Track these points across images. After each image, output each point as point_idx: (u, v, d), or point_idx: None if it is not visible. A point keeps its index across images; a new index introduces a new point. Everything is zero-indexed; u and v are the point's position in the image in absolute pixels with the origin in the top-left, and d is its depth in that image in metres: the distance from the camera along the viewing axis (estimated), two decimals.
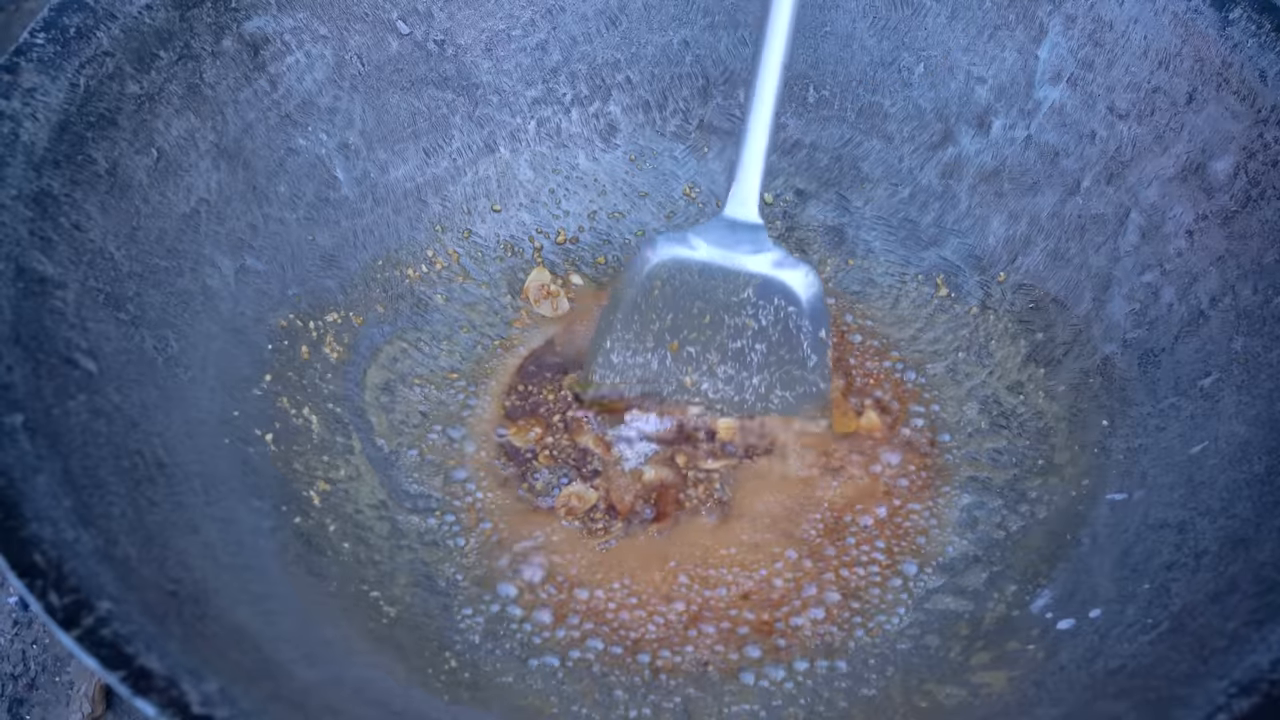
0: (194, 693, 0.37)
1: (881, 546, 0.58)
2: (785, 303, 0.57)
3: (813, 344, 0.58)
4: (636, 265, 0.58)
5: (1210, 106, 0.57)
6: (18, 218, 0.47)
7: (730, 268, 0.57)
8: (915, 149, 0.67)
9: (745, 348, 0.58)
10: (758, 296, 0.57)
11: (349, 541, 0.55)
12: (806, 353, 0.58)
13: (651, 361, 0.58)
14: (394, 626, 0.52)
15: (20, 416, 0.42)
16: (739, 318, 0.58)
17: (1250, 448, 0.51)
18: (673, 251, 0.58)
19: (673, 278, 0.58)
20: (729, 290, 0.57)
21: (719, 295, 0.57)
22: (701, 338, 0.58)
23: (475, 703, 0.50)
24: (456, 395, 0.63)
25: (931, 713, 0.50)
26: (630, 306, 0.58)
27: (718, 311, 0.58)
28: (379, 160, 0.64)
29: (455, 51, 0.66)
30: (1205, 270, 0.57)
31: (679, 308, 0.58)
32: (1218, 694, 0.40)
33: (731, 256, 0.57)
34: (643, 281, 0.58)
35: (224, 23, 0.58)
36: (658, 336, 0.58)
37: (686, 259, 0.57)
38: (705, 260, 0.57)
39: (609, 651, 0.54)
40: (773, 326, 0.57)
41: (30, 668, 0.59)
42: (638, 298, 0.58)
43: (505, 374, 0.64)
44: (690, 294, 0.58)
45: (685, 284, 0.58)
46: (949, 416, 0.62)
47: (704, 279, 0.57)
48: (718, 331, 0.58)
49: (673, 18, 0.68)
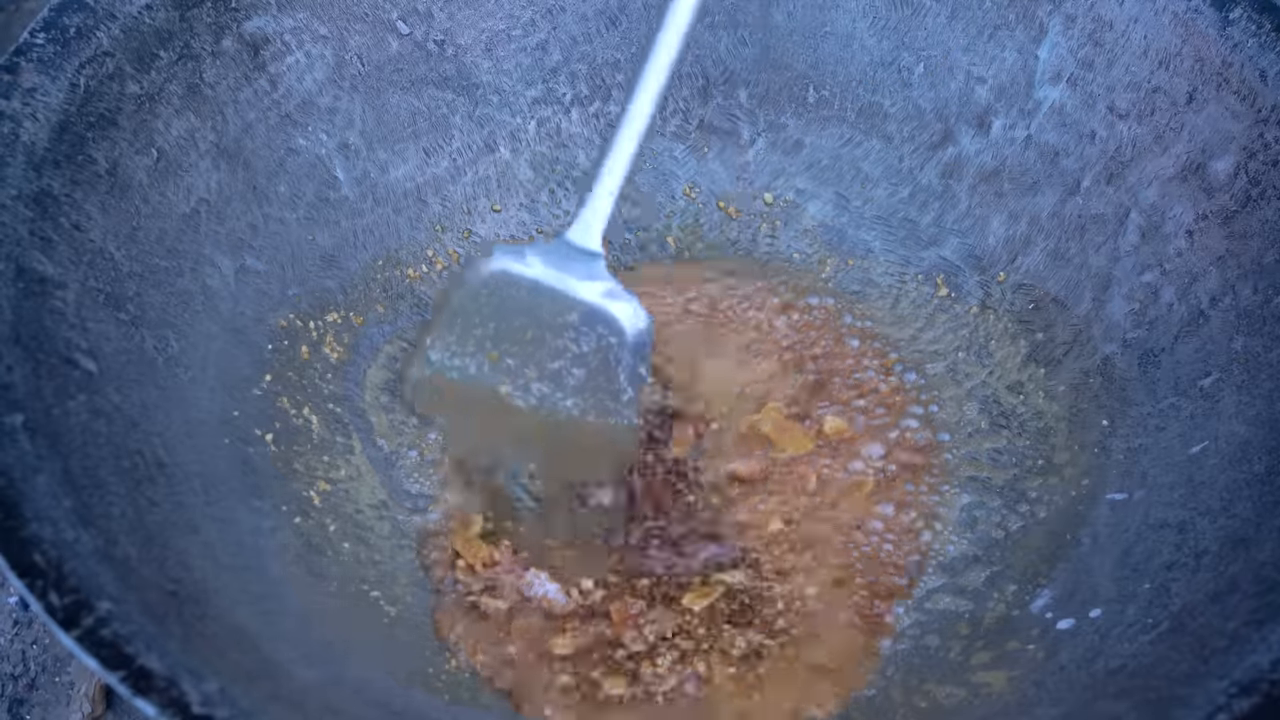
0: (194, 693, 0.37)
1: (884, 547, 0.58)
2: (608, 333, 0.57)
3: (629, 377, 0.57)
4: (469, 272, 0.58)
5: (1210, 106, 0.57)
6: (18, 218, 0.47)
7: (559, 289, 0.57)
8: (915, 149, 0.67)
9: (563, 369, 0.57)
10: (582, 322, 0.57)
11: (349, 541, 0.55)
12: (622, 384, 0.57)
13: (469, 365, 0.58)
14: (394, 626, 0.52)
15: (20, 416, 0.42)
16: (560, 339, 0.57)
17: (1250, 447, 0.51)
18: (506, 264, 0.58)
19: (501, 289, 0.57)
20: (555, 311, 0.57)
21: (544, 314, 0.57)
22: (521, 352, 0.58)
23: (475, 703, 0.50)
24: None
25: (931, 712, 0.50)
26: (455, 310, 0.58)
27: (541, 329, 0.57)
28: (379, 160, 0.64)
29: (455, 51, 0.66)
30: (1205, 270, 0.57)
31: (503, 319, 0.58)
32: (1218, 694, 0.40)
33: (563, 279, 0.57)
34: (472, 287, 0.58)
35: (224, 23, 0.58)
36: (478, 342, 0.58)
37: (518, 274, 0.57)
38: (536, 278, 0.57)
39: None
40: (593, 354, 0.57)
41: (30, 668, 0.59)
42: (465, 302, 0.58)
43: None
44: (516, 308, 0.58)
45: (513, 297, 0.57)
46: (949, 416, 0.62)
47: (532, 296, 0.57)
48: (538, 349, 0.57)
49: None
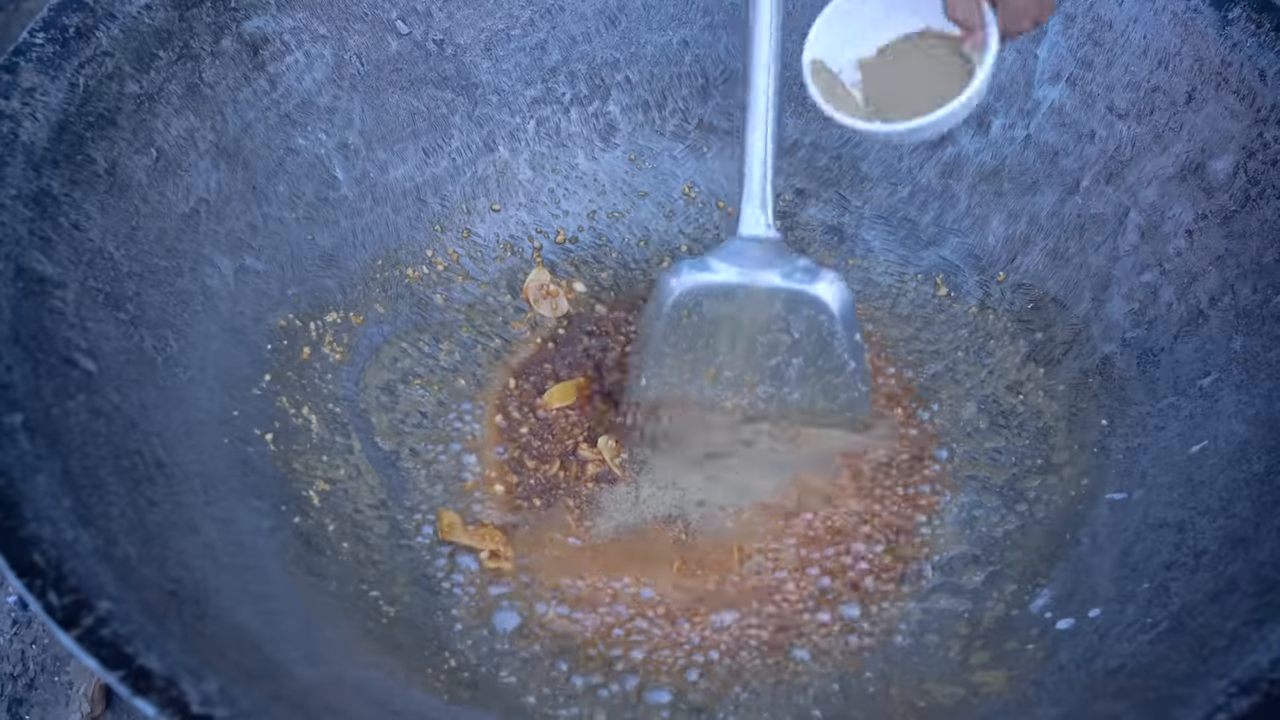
0: (194, 692, 0.37)
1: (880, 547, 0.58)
2: (815, 312, 0.55)
3: (848, 349, 0.56)
4: (660, 297, 0.57)
5: (1210, 106, 0.57)
6: (17, 217, 0.47)
7: (754, 285, 0.55)
8: (914, 148, 0.67)
9: (781, 364, 0.56)
10: (786, 310, 0.55)
11: (348, 541, 0.55)
12: (844, 359, 0.56)
13: (690, 392, 0.57)
14: (394, 626, 0.52)
15: (20, 416, 0.42)
16: (771, 334, 0.56)
17: (1249, 447, 0.51)
18: (695, 278, 0.56)
19: (699, 304, 0.56)
20: (757, 308, 0.56)
21: (747, 315, 0.56)
22: (737, 360, 0.57)
23: (475, 703, 0.50)
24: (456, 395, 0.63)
25: (930, 712, 0.50)
26: (660, 340, 0.57)
27: (749, 331, 0.56)
28: (378, 160, 0.64)
29: (454, 51, 0.66)
30: (1204, 270, 0.57)
31: (709, 333, 0.56)
32: (1217, 693, 0.40)
33: (754, 274, 0.55)
34: (669, 313, 0.56)
35: (223, 22, 0.58)
36: (692, 367, 0.57)
37: (709, 283, 0.56)
38: (728, 281, 0.55)
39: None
40: (806, 338, 0.56)
41: (29, 668, 0.59)
42: (666, 330, 0.57)
43: (504, 375, 0.64)
44: (718, 317, 0.56)
45: (712, 309, 0.56)
46: (948, 416, 0.62)
47: (730, 301, 0.56)
48: (752, 351, 0.56)
49: (672, 17, 0.68)
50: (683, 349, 0.57)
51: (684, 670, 0.53)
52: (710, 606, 0.55)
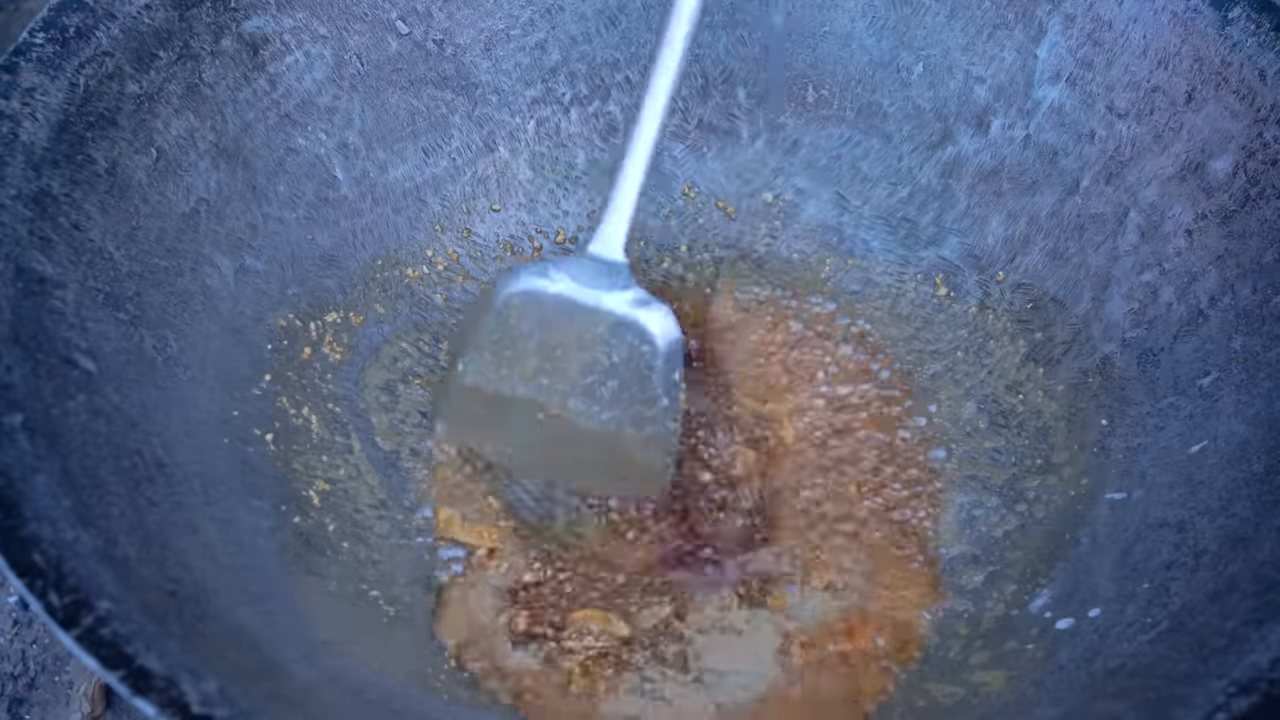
0: (193, 692, 0.37)
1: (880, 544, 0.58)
2: (639, 342, 0.56)
3: (664, 386, 0.57)
4: (493, 294, 0.58)
5: (1209, 106, 0.57)
6: (17, 217, 0.47)
7: (586, 304, 0.57)
8: (914, 148, 0.67)
9: (596, 383, 0.57)
10: (611, 334, 0.57)
11: (348, 541, 0.55)
12: (657, 393, 0.57)
13: (503, 387, 0.58)
14: (393, 626, 0.52)
15: (19, 416, 0.42)
16: (591, 353, 0.57)
17: (1249, 447, 0.51)
18: (530, 283, 0.57)
19: (527, 308, 0.57)
20: (584, 325, 0.57)
21: (573, 329, 0.57)
22: (554, 369, 0.57)
23: (475, 703, 0.50)
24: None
25: (930, 712, 0.50)
26: (485, 333, 0.58)
27: (571, 345, 0.57)
28: (378, 160, 0.64)
29: (454, 51, 0.66)
30: (1204, 269, 0.57)
31: (533, 338, 0.57)
32: (1217, 693, 0.40)
33: (590, 292, 0.57)
34: (498, 309, 0.58)
35: (223, 22, 0.58)
36: (510, 364, 0.58)
37: (542, 291, 0.57)
38: (562, 293, 0.57)
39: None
40: (624, 365, 0.57)
41: (30, 667, 0.59)
42: (492, 325, 0.58)
43: None
44: (544, 326, 0.57)
45: (540, 315, 0.57)
46: (947, 416, 0.62)
47: (560, 312, 0.57)
48: (570, 364, 0.57)
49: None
50: (503, 345, 0.58)
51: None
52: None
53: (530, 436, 0.59)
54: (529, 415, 0.58)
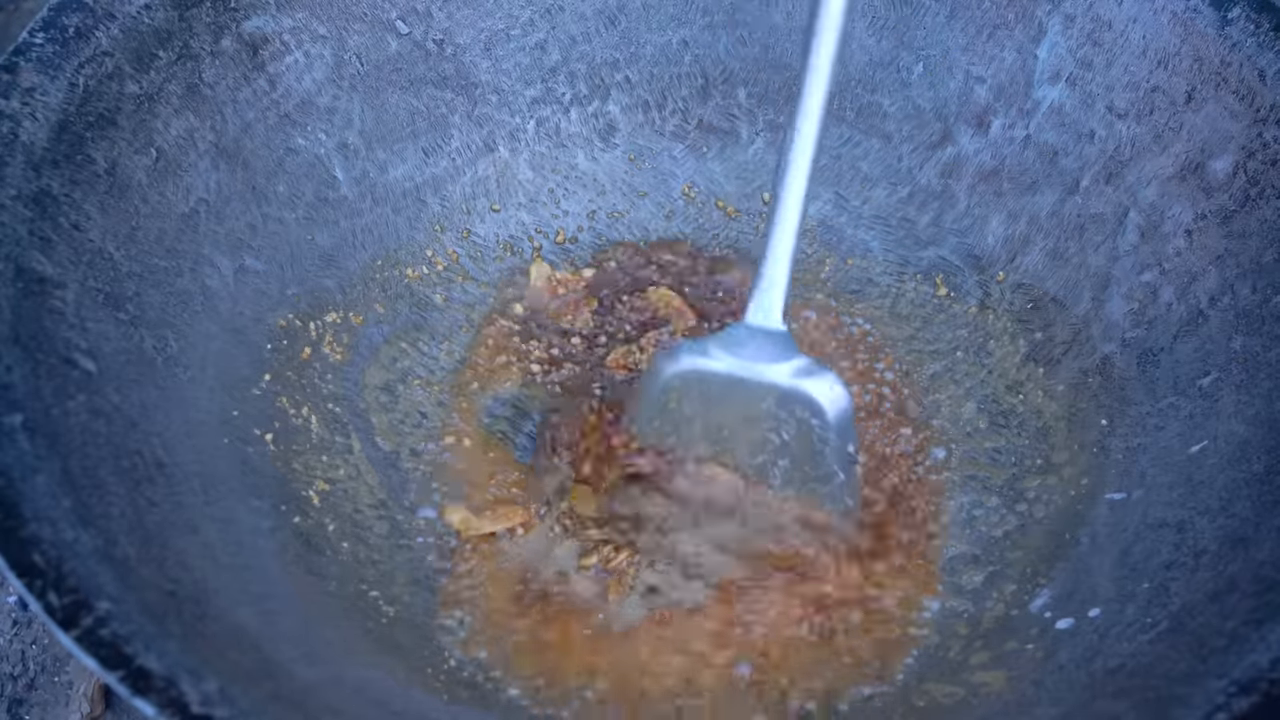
0: (193, 692, 0.37)
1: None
2: (808, 415, 0.53)
3: (838, 459, 0.53)
4: (652, 375, 0.55)
5: (1209, 106, 0.57)
6: (17, 218, 0.47)
7: (749, 378, 0.53)
8: (914, 148, 0.67)
9: (767, 463, 0.55)
10: (779, 408, 0.53)
11: (348, 541, 0.55)
12: (832, 469, 0.54)
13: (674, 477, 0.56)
14: (394, 626, 0.52)
15: (19, 416, 0.42)
16: (760, 430, 0.54)
17: (1249, 447, 0.51)
18: (691, 361, 0.54)
19: (689, 388, 0.54)
20: (749, 401, 0.53)
21: (738, 407, 0.53)
22: (723, 452, 0.55)
23: (475, 702, 0.50)
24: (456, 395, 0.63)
25: (930, 712, 0.50)
26: (646, 420, 0.56)
27: (738, 424, 0.54)
28: (378, 160, 0.64)
29: (454, 51, 0.66)
30: (1204, 269, 0.57)
31: (696, 419, 0.55)
32: (1217, 693, 0.40)
33: (751, 366, 0.53)
34: (658, 393, 0.55)
35: (223, 22, 0.58)
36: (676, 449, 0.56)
37: (704, 369, 0.53)
38: (724, 371, 0.53)
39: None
40: (795, 440, 0.53)
41: (29, 668, 0.59)
42: (653, 411, 0.55)
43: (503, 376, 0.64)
44: (709, 405, 0.54)
45: (703, 395, 0.54)
46: (947, 416, 0.62)
47: (723, 390, 0.53)
48: (739, 445, 0.54)
49: (671, 17, 0.68)
50: (666, 434, 0.55)
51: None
52: None
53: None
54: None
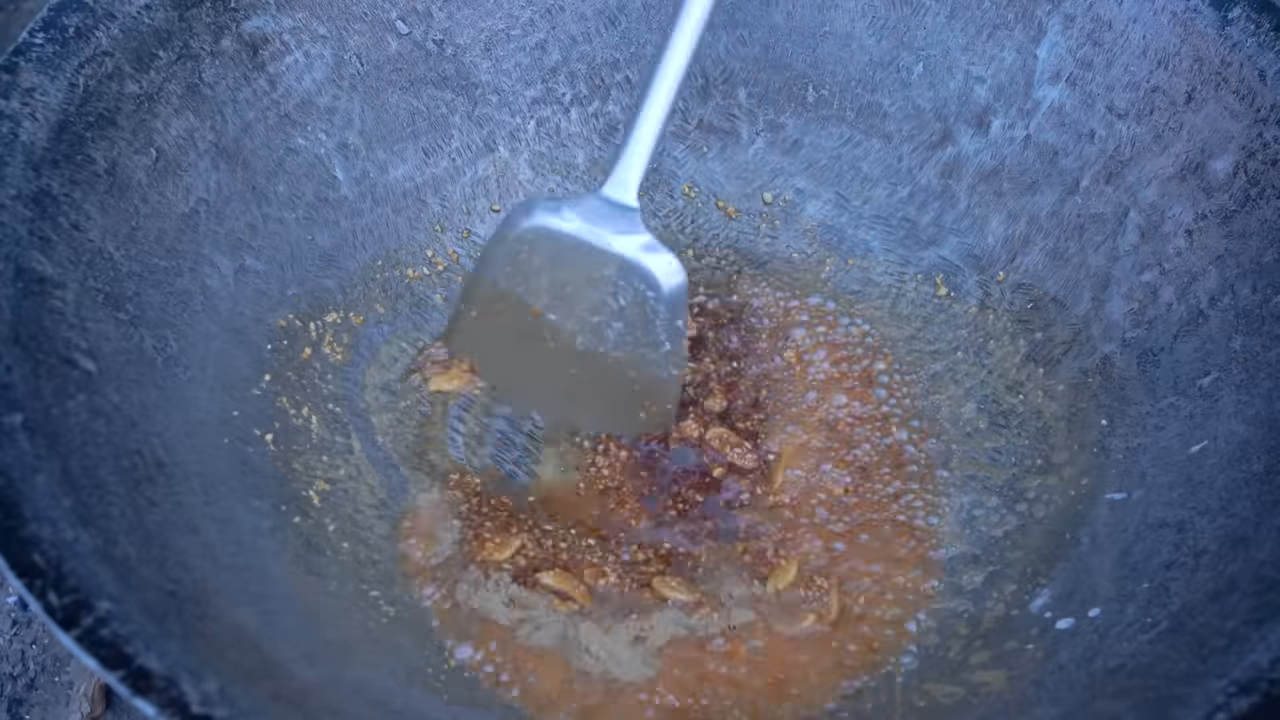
0: (193, 692, 0.37)
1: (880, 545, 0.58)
2: (644, 287, 0.57)
3: (668, 331, 0.58)
4: (507, 225, 0.59)
5: (1209, 106, 0.57)
6: (17, 218, 0.47)
7: (596, 244, 0.58)
8: (914, 148, 0.67)
9: (603, 324, 0.59)
10: (619, 277, 0.58)
11: (348, 541, 0.55)
12: (660, 338, 0.58)
13: (512, 320, 0.59)
14: (394, 626, 0.52)
15: (19, 416, 0.42)
16: (598, 293, 0.58)
17: (1249, 447, 0.51)
18: (544, 219, 0.59)
19: (539, 243, 0.58)
20: (592, 266, 0.58)
21: (582, 269, 0.58)
22: (562, 306, 0.59)
23: (475, 703, 0.50)
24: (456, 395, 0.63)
25: (930, 712, 0.50)
26: (496, 265, 0.59)
27: (579, 284, 0.58)
28: (378, 160, 0.64)
29: (454, 51, 0.66)
30: (1204, 269, 0.57)
31: (543, 274, 0.59)
32: (1217, 693, 0.40)
33: (600, 234, 0.58)
34: (511, 242, 0.59)
35: (223, 22, 0.58)
36: (521, 297, 0.59)
37: (556, 229, 0.58)
38: (573, 233, 0.58)
39: None
40: (631, 307, 0.58)
41: (29, 668, 0.59)
42: (504, 258, 0.59)
43: None
44: (555, 263, 0.58)
45: (551, 252, 0.58)
46: (947, 416, 0.62)
47: (571, 251, 0.58)
48: (578, 302, 0.58)
49: (672, 17, 0.67)
50: (515, 279, 0.59)
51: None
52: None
53: (534, 366, 0.60)
54: (535, 346, 0.59)
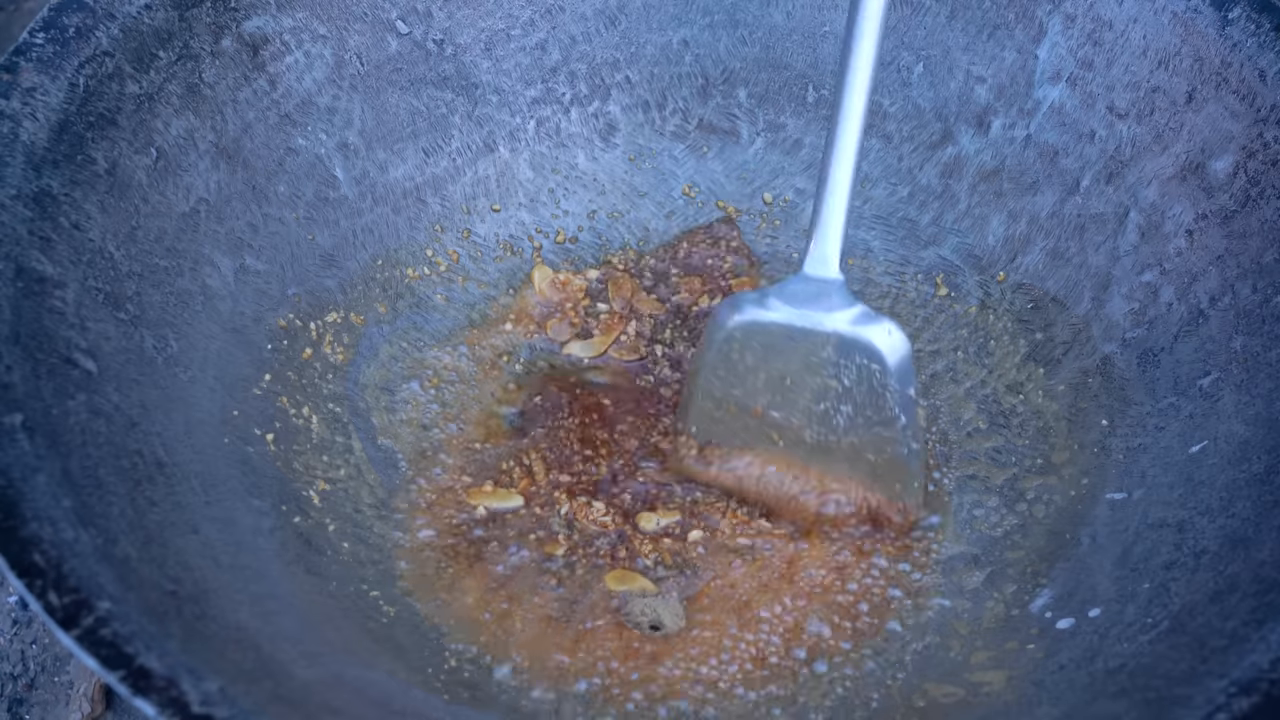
0: (194, 692, 0.37)
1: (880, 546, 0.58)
2: (868, 361, 0.54)
3: (900, 403, 0.55)
4: (713, 328, 0.56)
5: (1210, 106, 0.57)
6: (17, 217, 0.47)
7: (808, 327, 0.54)
8: (914, 148, 0.67)
9: (830, 410, 0.56)
10: (839, 355, 0.54)
11: (349, 541, 0.55)
12: (894, 413, 0.55)
13: (736, 427, 0.57)
14: (394, 626, 0.52)
15: (20, 416, 0.42)
16: (821, 378, 0.55)
17: (1249, 447, 0.51)
18: (750, 314, 0.55)
19: (750, 339, 0.55)
20: (809, 350, 0.55)
21: (799, 356, 0.55)
22: (785, 401, 0.56)
23: (475, 703, 0.50)
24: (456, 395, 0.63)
25: (930, 712, 0.50)
26: (710, 371, 0.57)
27: (799, 373, 0.55)
28: (378, 160, 0.64)
29: (454, 51, 0.66)
30: (1204, 270, 0.57)
31: (759, 371, 0.56)
32: (1217, 693, 0.40)
33: (810, 315, 0.54)
34: (720, 345, 0.56)
35: (223, 22, 0.58)
36: (740, 402, 0.57)
37: (764, 320, 0.55)
38: (783, 321, 0.55)
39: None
40: (857, 387, 0.55)
41: (30, 668, 0.59)
42: (717, 362, 0.56)
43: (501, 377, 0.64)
44: (770, 356, 0.56)
45: (764, 345, 0.55)
46: (947, 416, 0.62)
47: (783, 340, 0.55)
48: (800, 394, 0.56)
49: (672, 17, 0.68)
50: (731, 384, 0.57)
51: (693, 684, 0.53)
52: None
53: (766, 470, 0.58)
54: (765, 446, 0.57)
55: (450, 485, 0.59)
